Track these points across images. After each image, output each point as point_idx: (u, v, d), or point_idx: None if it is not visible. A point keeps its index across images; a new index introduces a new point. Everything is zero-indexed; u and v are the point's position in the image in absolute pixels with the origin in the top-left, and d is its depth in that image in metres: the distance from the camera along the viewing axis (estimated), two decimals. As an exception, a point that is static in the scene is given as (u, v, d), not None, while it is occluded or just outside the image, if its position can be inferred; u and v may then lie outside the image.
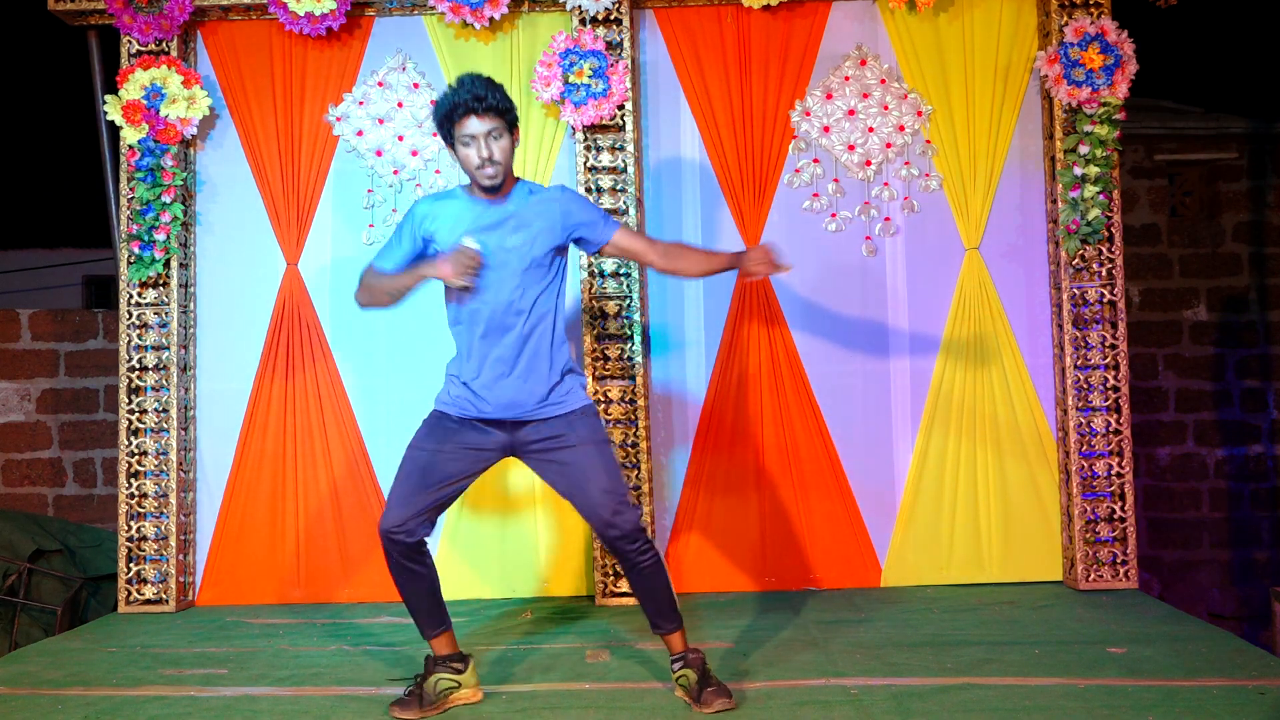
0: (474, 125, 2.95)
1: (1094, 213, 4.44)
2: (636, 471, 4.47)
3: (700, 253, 3.41)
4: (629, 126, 4.52)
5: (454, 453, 3.12)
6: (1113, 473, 4.48)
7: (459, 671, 3.18)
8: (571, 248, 3.22)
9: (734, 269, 3.23)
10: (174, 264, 4.58)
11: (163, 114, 4.52)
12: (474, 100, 2.93)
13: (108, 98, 4.58)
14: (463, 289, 3.01)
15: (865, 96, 4.68)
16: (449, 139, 3.02)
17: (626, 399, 4.50)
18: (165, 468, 4.55)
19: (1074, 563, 4.47)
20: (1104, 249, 4.50)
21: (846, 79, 4.69)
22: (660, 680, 3.37)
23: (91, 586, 5.21)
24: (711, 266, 3.26)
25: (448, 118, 2.97)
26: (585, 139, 4.53)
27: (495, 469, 4.63)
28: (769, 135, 4.69)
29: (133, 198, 4.56)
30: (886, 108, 4.67)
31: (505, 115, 2.98)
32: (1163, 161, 7.81)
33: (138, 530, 4.53)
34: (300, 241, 4.72)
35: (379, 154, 4.72)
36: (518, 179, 3.15)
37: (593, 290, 4.52)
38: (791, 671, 3.42)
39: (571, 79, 4.45)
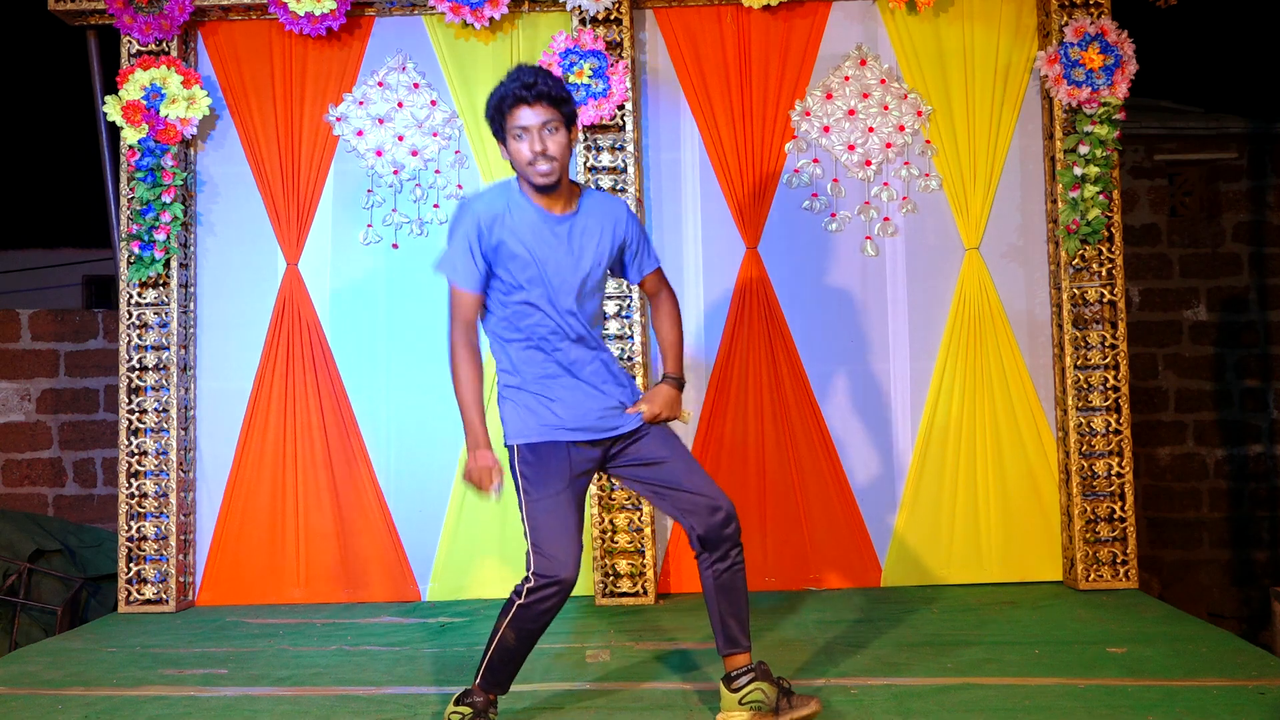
0: (526, 116, 2.71)
1: (1094, 213, 4.45)
2: (636, 471, 4.46)
3: (672, 337, 3.08)
4: (629, 126, 4.52)
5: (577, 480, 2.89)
6: (1113, 473, 4.48)
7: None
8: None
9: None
10: (174, 264, 4.58)
11: (163, 114, 4.52)
12: (523, 88, 2.70)
13: (108, 98, 4.58)
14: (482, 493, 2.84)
15: (865, 96, 4.68)
16: (500, 134, 2.79)
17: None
18: (165, 468, 4.55)
19: (1074, 563, 4.47)
20: (1104, 249, 4.50)
21: (846, 79, 4.69)
22: (660, 680, 3.37)
23: (91, 586, 5.21)
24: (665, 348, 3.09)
25: (498, 109, 2.75)
26: (585, 139, 4.53)
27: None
28: (769, 135, 4.69)
29: (133, 198, 4.56)
30: (886, 108, 4.67)
31: (561, 106, 2.75)
32: (1163, 161, 7.80)
33: (138, 530, 4.53)
34: (300, 241, 4.72)
35: (379, 154, 4.72)
36: (578, 185, 2.91)
37: (593, 290, 4.52)
38: (792, 671, 3.41)
39: (571, 79, 4.44)
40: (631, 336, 4.50)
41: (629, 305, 4.50)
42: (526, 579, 2.79)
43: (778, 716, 2.83)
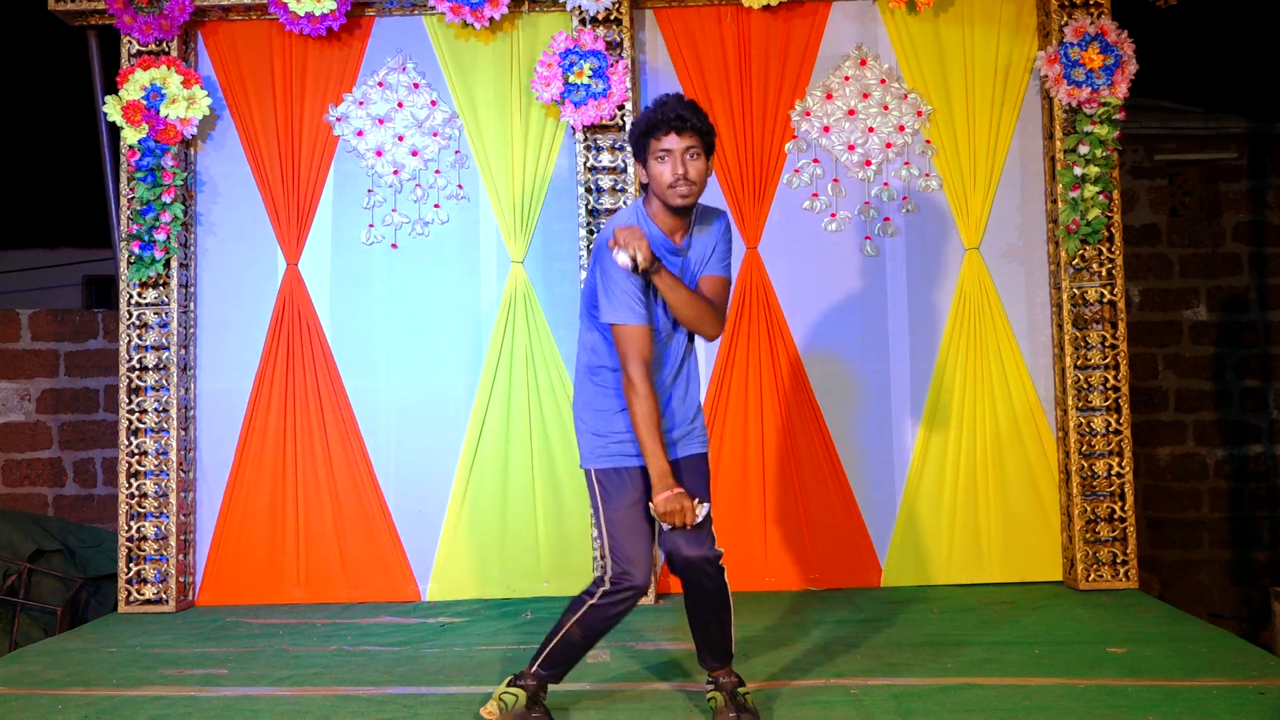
0: (671, 141, 2.86)
1: (1094, 213, 4.45)
2: (636, 471, 4.46)
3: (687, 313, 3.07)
4: (629, 126, 4.52)
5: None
6: (1113, 473, 4.48)
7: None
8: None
9: None
10: (174, 264, 4.58)
11: (163, 114, 4.52)
12: (677, 119, 2.86)
13: (108, 98, 4.58)
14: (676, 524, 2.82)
15: (865, 96, 4.68)
16: (641, 154, 2.94)
17: (626, 399, 4.49)
18: (165, 468, 4.55)
19: (1074, 563, 4.47)
20: (1104, 249, 4.50)
21: (846, 79, 4.69)
22: (660, 680, 3.37)
23: (91, 586, 5.21)
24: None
25: (645, 132, 2.90)
26: (585, 139, 4.53)
27: (492, 467, 4.66)
28: (769, 135, 4.69)
29: (133, 198, 4.56)
30: (886, 108, 4.67)
31: (704, 137, 2.90)
32: (1163, 161, 7.79)
33: (138, 530, 4.53)
34: (300, 241, 4.72)
35: (379, 154, 4.72)
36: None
37: (593, 290, 4.52)
38: (791, 671, 3.42)
39: (571, 79, 4.45)
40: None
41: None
42: (600, 581, 2.95)
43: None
